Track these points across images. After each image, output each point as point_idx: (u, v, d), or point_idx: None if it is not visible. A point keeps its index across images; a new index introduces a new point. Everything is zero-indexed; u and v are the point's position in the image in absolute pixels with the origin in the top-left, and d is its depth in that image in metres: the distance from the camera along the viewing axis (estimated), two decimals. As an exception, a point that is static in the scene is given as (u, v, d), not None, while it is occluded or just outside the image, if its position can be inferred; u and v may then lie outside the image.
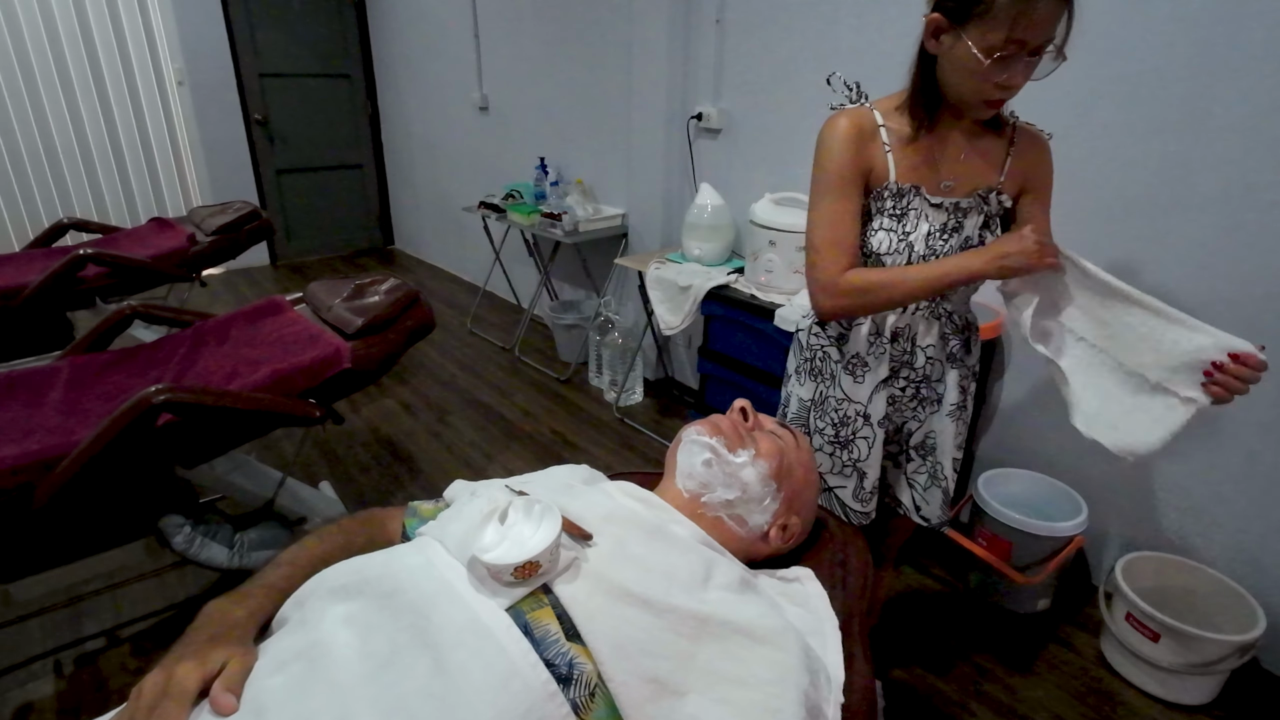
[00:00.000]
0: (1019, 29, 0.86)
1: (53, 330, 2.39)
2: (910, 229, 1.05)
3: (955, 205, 1.06)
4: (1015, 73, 0.91)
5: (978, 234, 1.07)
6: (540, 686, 0.59)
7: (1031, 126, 1.10)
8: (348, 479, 2.34)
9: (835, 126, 1.04)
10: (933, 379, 1.17)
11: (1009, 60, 0.89)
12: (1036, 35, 0.87)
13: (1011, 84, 0.92)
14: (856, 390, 1.16)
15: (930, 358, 1.15)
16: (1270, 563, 1.59)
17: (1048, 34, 0.87)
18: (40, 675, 1.57)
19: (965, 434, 1.26)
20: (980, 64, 0.90)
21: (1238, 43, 1.43)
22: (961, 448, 1.26)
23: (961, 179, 1.06)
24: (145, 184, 4.38)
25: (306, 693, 0.58)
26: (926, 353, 1.14)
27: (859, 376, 1.16)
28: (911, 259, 1.06)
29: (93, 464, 1.26)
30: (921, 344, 1.14)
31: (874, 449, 1.18)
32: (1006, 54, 0.88)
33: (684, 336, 2.92)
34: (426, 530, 0.76)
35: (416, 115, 4.52)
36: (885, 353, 1.13)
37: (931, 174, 1.05)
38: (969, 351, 1.19)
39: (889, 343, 1.13)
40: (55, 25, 3.86)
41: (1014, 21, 0.86)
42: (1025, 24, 0.86)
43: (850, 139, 1.03)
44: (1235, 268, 1.52)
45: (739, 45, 2.41)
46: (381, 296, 1.75)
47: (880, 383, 1.15)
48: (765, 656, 0.67)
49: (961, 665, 1.65)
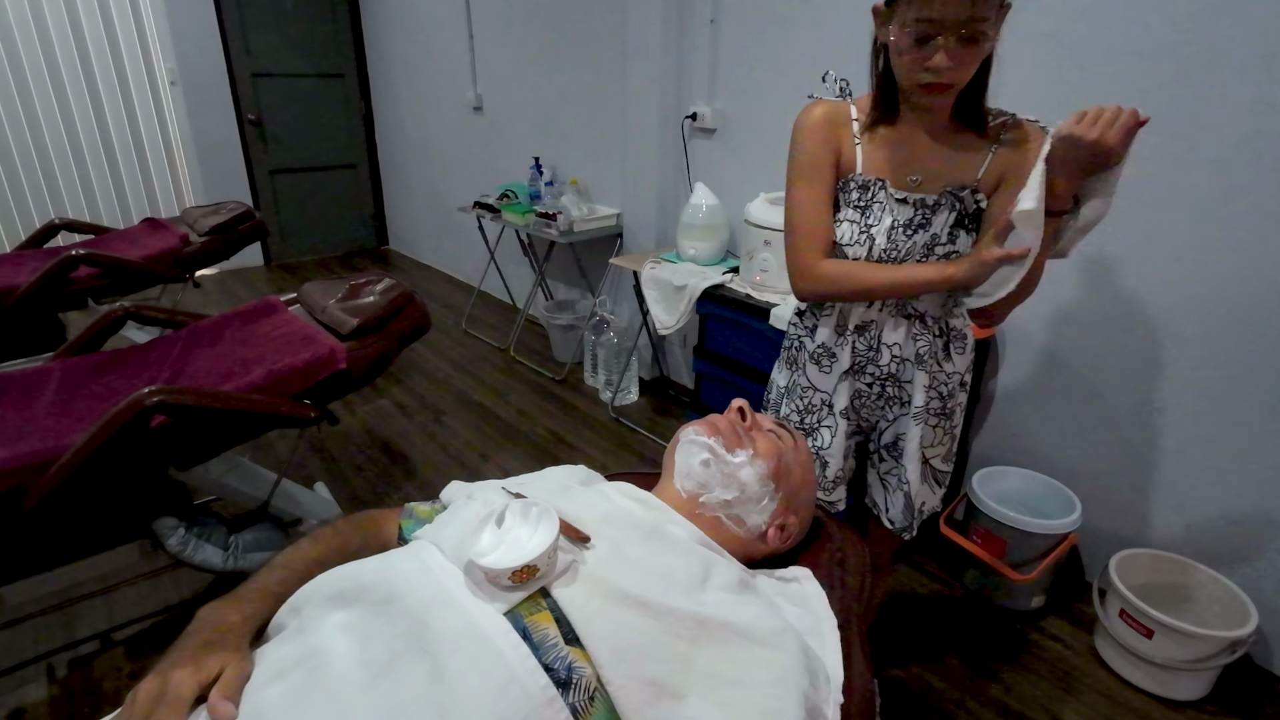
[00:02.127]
0: (924, 6, 0.88)
1: (44, 331, 2.38)
2: (873, 221, 1.06)
3: (921, 201, 1.05)
4: (933, 54, 0.90)
5: (946, 232, 1.06)
6: (539, 692, 0.58)
7: (1032, 123, 1.06)
8: (343, 480, 2.33)
9: (808, 114, 1.08)
10: (901, 379, 1.16)
11: (927, 41, 0.90)
12: (942, 13, 0.87)
13: (935, 66, 0.91)
14: (823, 380, 1.20)
15: (895, 356, 1.15)
16: (1261, 559, 1.60)
17: (956, 13, 0.87)
18: (33, 679, 1.56)
19: (949, 444, 1.22)
20: (902, 46, 0.92)
21: (1228, 40, 1.43)
22: (949, 459, 1.23)
23: (932, 175, 1.05)
24: (138, 184, 4.35)
25: (305, 702, 0.58)
26: (892, 350, 1.14)
27: (825, 367, 1.19)
28: (873, 251, 1.07)
29: (85, 466, 1.25)
30: (887, 341, 1.14)
31: (836, 438, 1.20)
32: (921, 34, 0.90)
33: (679, 336, 2.92)
34: (422, 534, 0.76)
35: (410, 115, 4.50)
36: (849, 345, 1.16)
37: (900, 168, 1.05)
38: (949, 357, 1.16)
39: (854, 335, 1.15)
40: (46, 25, 3.83)
41: (922, 1, 0.88)
42: (927, 1, 0.87)
43: (819, 126, 1.07)
44: (1228, 266, 1.53)
45: (733, 45, 2.41)
46: (376, 297, 1.74)
47: (844, 373, 1.17)
48: (764, 658, 0.66)
49: (956, 662, 1.66)
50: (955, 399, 1.19)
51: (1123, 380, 1.75)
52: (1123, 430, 1.77)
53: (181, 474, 1.56)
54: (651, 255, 2.59)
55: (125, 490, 1.46)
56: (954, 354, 1.17)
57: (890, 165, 1.06)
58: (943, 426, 1.20)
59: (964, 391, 1.20)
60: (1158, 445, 1.72)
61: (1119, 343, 1.73)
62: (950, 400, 1.18)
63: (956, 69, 0.91)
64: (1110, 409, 1.78)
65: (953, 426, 1.21)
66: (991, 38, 0.91)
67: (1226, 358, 1.57)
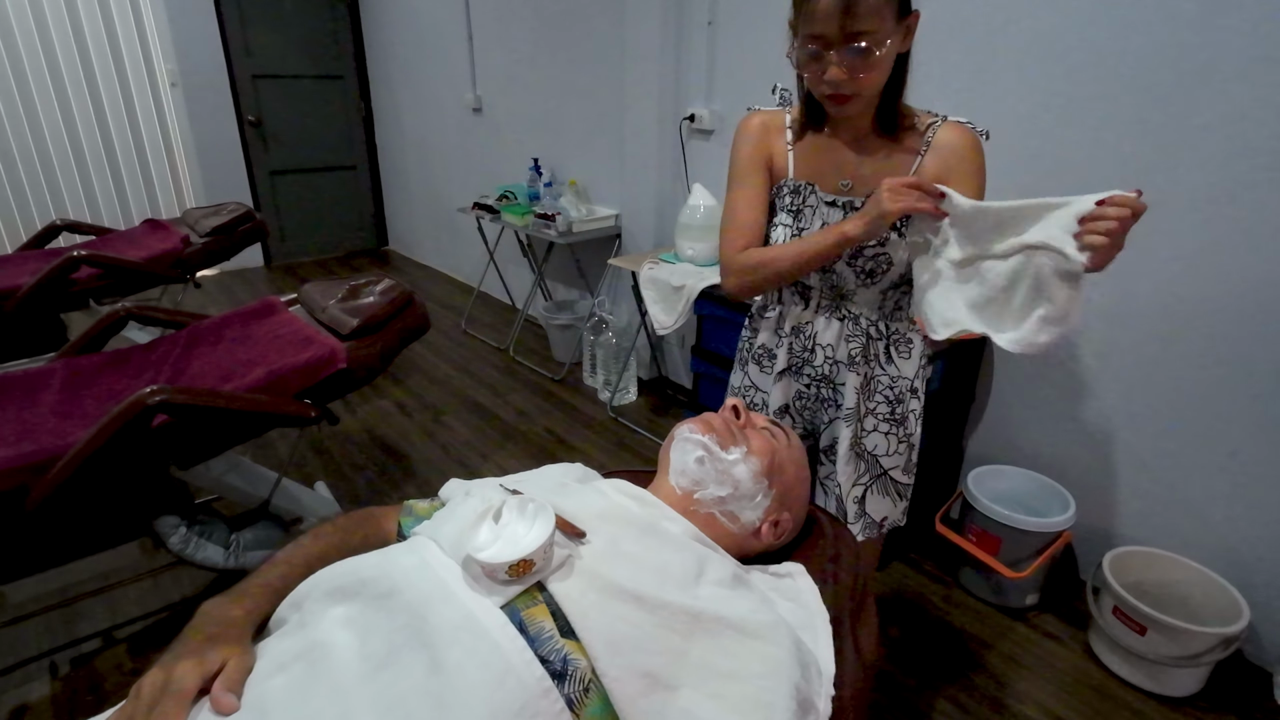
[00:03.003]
0: (807, 23, 0.91)
1: (46, 332, 2.39)
2: (805, 225, 1.09)
3: (850, 205, 1.06)
4: (826, 67, 0.93)
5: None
6: (535, 683, 0.59)
7: (963, 124, 1.03)
8: (343, 479, 2.35)
9: (745, 123, 1.13)
10: (835, 380, 1.17)
11: (817, 56, 0.93)
12: (824, 29, 0.89)
13: (829, 80, 0.93)
14: (762, 379, 1.23)
15: (828, 358, 1.16)
16: (1253, 556, 1.61)
17: (838, 28, 0.88)
18: (36, 676, 1.58)
19: (907, 454, 1.18)
20: (800, 60, 0.96)
21: (1220, 41, 1.45)
22: (909, 471, 1.19)
23: (861, 180, 1.06)
24: (139, 185, 4.36)
25: (308, 693, 0.59)
26: (825, 352, 1.16)
27: (765, 366, 1.22)
28: None
29: (87, 466, 1.26)
30: (821, 341, 1.15)
31: None
32: (813, 51, 0.92)
33: (677, 336, 2.94)
34: (421, 530, 0.77)
35: (410, 116, 4.51)
36: (786, 345, 1.18)
37: (830, 173, 1.08)
38: (890, 360, 1.14)
39: (790, 336, 1.18)
40: (48, 26, 3.84)
41: (805, 17, 0.91)
42: (809, 18, 0.90)
43: (752, 133, 1.12)
44: (1221, 267, 1.54)
45: (730, 47, 2.42)
46: (376, 297, 1.75)
47: (780, 373, 1.20)
48: (757, 651, 0.67)
49: (951, 659, 1.67)
50: (906, 404, 1.15)
51: (1117, 379, 1.76)
52: (1117, 429, 1.78)
53: (183, 473, 1.57)
54: (650, 256, 2.60)
55: (127, 489, 1.47)
56: (897, 358, 1.15)
57: (820, 170, 1.08)
58: (895, 434, 1.16)
59: (916, 398, 1.16)
60: (1151, 444, 1.73)
61: (1113, 341, 1.74)
62: (900, 405, 1.15)
63: (852, 80, 0.93)
64: (1104, 408, 1.79)
65: (908, 434, 1.17)
66: (890, 46, 0.91)
67: (1220, 356, 1.58)
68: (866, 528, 1.20)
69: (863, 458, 1.18)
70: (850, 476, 1.18)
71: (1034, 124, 1.74)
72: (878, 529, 1.21)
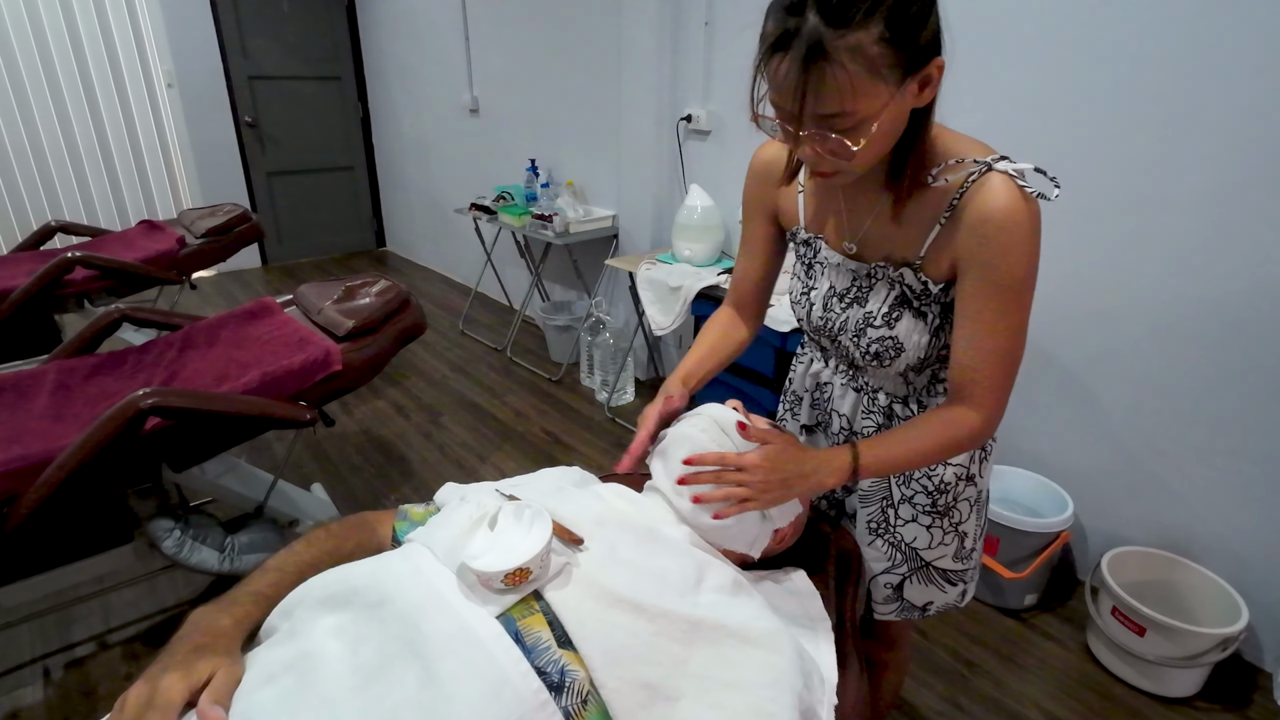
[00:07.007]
0: (769, 81, 0.70)
1: (40, 334, 2.37)
2: (814, 283, 0.94)
3: (859, 275, 0.89)
4: (795, 144, 0.73)
5: (882, 314, 0.86)
6: (531, 695, 0.58)
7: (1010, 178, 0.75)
8: (340, 481, 2.33)
9: (757, 155, 0.98)
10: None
11: (787, 130, 0.71)
12: (781, 99, 0.70)
13: (804, 158, 0.75)
14: (792, 426, 1.11)
15: (844, 428, 1.01)
16: (1251, 557, 1.61)
17: (789, 101, 0.68)
18: (29, 681, 1.56)
19: (956, 544, 0.98)
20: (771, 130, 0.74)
21: (1223, 42, 1.44)
22: (962, 557, 1.00)
23: (868, 243, 0.86)
24: (135, 186, 4.35)
25: (296, 706, 0.57)
26: (840, 421, 1.01)
27: (795, 413, 1.10)
28: (810, 317, 0.95)
29: (80, 469, 1.25)
30: (837, 409, 1.01)
31: None
32: (778, 120, 0.72)
33: (675, 336, 2.93)
34: (415, 537, 0.75)
35: (407, 117, 4.50)
36: (809, 399, 1.06)
37: (838, 228, 0.90)
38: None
39: (814, 391, 1.05)
40: (43, 27, 3.82)
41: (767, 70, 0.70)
42: (771, 76, 0.70)
43: (757, 172, 0.98)
44: (1221, 267, 1.54)
45: (727, 47, 2.41)
46: (372, 298, 1.74)
47: (803, 427, 1.08)
48: (758, 659, 0.66)
49: (950, 660, 1.67)
50: (949, 493, 0.95)
51: (1115, 380, 1.75)
52: (1115, 429, 1.78)
53: (177, 476, 1.56)
54: (647, 256, 2.59)
55: (121, 493, 1.45)
56: None
57: (830, 223, 0.90)
58: (940, 525, 0.97)
59: (969, 485, 0.95)
60: (1149, 444, 1.73)
61: (1111, 342, 1.73)
62: (942, 496, 0.95)
63: (832, 160, 0.73)
64: (1102, 408, 1.79)
65: (956, 524, 0.97)
66: (886, 117, 0.69)
67: (1219, 356, 1.58)
68: (904, 611, 1.03)
69: (898, 548, 1.00)
70: (880, 562, 1.01)
71: (1034, 124, 1.74)
72: (919, 613, 1.03)
